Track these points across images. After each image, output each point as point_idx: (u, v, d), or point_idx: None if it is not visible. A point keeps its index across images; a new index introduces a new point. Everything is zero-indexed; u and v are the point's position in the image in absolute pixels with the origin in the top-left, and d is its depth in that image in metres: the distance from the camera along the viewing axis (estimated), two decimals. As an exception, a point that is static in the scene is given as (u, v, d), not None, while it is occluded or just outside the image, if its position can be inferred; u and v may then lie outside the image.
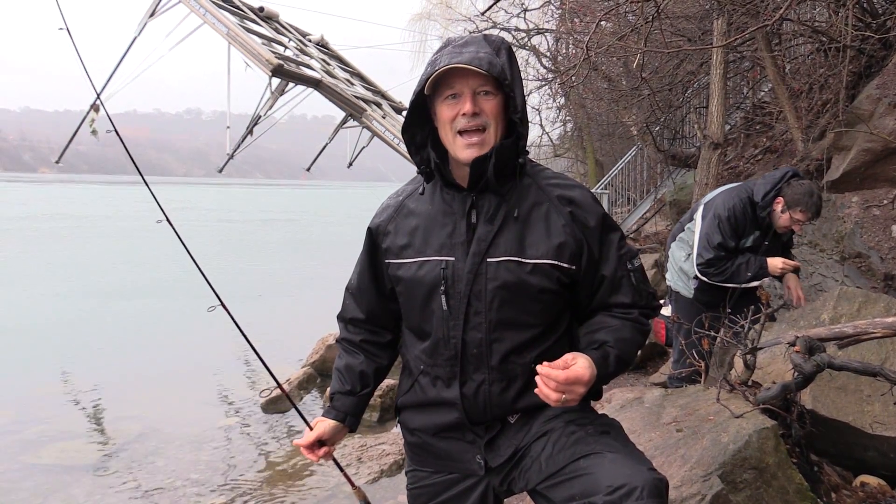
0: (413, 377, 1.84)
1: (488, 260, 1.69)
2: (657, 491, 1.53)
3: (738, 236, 3.88)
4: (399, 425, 1.96)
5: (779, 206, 3.81)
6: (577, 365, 1.57)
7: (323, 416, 1.94)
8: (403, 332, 1.93)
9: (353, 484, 2.05)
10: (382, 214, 1.87)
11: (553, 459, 1.66)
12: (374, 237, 1.87)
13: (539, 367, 1.56)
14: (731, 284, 3.91)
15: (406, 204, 1.84)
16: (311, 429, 1.91)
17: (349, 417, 1.93)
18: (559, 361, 1.58)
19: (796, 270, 3.88)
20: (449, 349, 1.74)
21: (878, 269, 5.51)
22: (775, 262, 3.80)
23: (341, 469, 2.08)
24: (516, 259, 1.69)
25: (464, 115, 1.65)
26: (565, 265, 1.71)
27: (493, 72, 1.62)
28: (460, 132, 1.67)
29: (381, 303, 1.92)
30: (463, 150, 1.68)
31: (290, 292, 14.65)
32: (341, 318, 2.02)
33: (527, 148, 1.80)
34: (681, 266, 4.20)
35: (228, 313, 2.29)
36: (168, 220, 2.35)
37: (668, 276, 4.36)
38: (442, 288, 1.71)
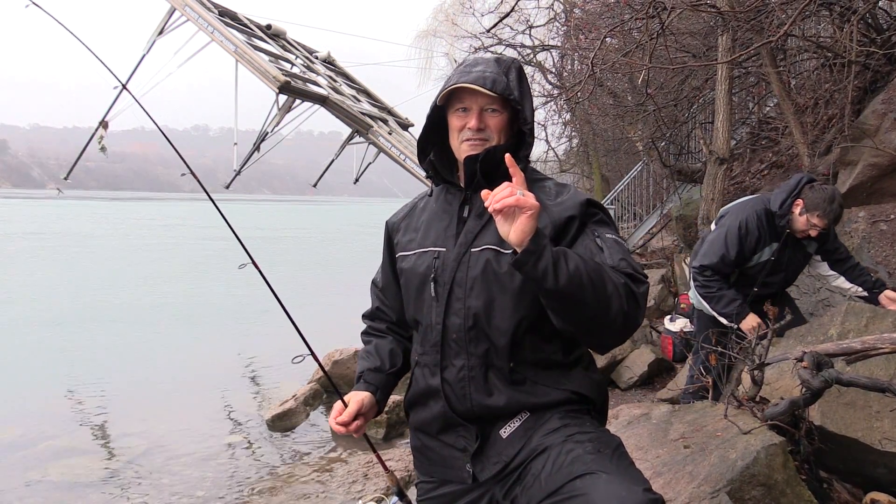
0: (412, 370, 1.96)
1: (472, 250, 1.80)
2: None
3: (746, 250, 3.85)
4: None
5: (798, 207, 3.79)
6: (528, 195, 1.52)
7: (354, 390, 1.97)
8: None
9: (386, 468, 2.05)
10: (398, 213, 2.06)
11: (552, 479, 1.65)
12: (389, 233, 2.05)
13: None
14: (704, 304, 3.95)
15: (418, 205, 2.03)
16: (346, 404, 1.90)
17: (380, 391, 1.97)
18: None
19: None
20: (434, 335, 1.83)
21: (886, 283, 5.47)
22: (750, 321, 3.77)
23: (374, 450, 2.11)
24: (495, 248, 1.75)
25: (469, 128, 1.81)
26: None
27: (495, 90, 1.76)
28: (465, 139, 1.84)
29: (401, 298, 2.00)
30: (465, 152, 1.84)
31: (296, 307, 14.64)
32: (367, 313, 2.17)
33: (532, 161, 1.90)
34: None
35: (260, 272, 2.45)
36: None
37: (691, 293, 4.32)
38: (432, 276, 1.83)
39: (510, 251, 1.61)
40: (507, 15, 11.76)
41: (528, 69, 16.65)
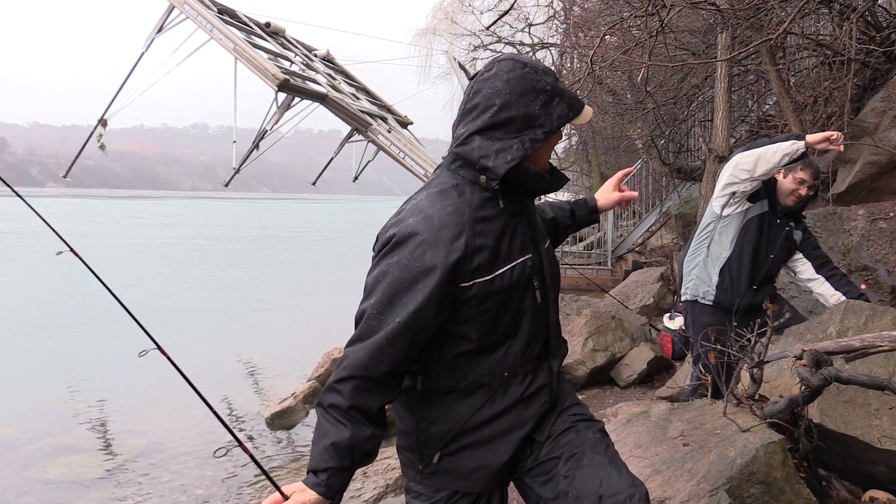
0: (489, 391, 1.78)
1: (545, 247, 1.92)
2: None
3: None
4: (438, 457, 1.81)
5: (780, 173, 3.82)
6: None
7: (306, 484, 1.65)
8: (447, 363, 1.79)
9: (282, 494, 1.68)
10: (460, 237, 1.67)
11: (553, 450, 1.84)
12: (461, 263, 1.67)
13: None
14: (757, 149, 3.68)
15: (476, 216, 1.72)
16: (286, 497, 1.63)
17: (338, 495, 1.68)
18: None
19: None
20: (540, 339, 1.86)
21: (885, 282, 5.49)
22: (815, 135, 3.59)
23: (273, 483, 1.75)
24: (549, 242, 1.99)
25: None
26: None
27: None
28: None
29: (421, 348, 1.74)
30: (544, 157, 1.85)
31: (296, 303, 14.68)
32: (366, 374, 1.68)
33: None
34: (703, 263, 4.04)
35: (171, 361, 2.19)
36: (73, 250, 2.32)
37: (683, 288, 4.27)
38: (536, 283, 1.83)
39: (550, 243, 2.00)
40: (507, 13, 11.77)
41: (527, 67, 16.65)
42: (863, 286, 4.29)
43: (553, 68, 16.78)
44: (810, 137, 3.58)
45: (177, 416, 7.01)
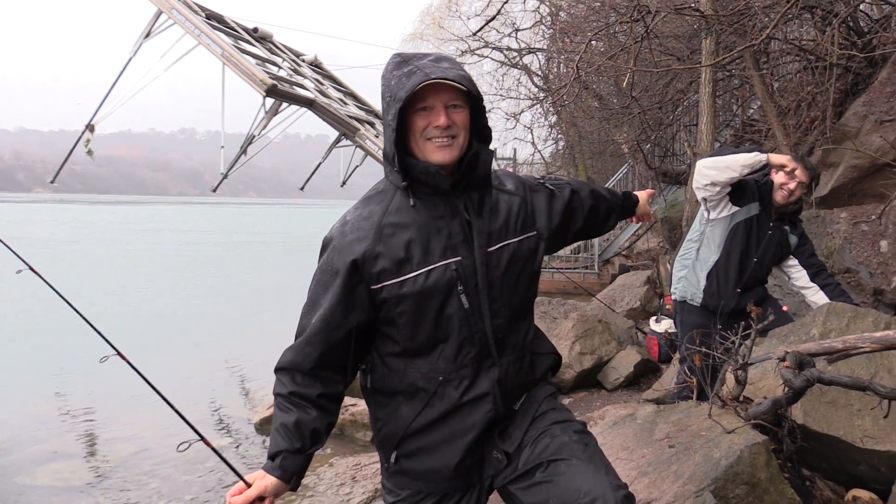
0: (427, 395, 1.83)
1: (489, 250, 1.82)
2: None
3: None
4: (394, 458, 1.89)
5: (775, 174, 3.83)
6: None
7: (265, 471, 1.77)
8: (387, 363, 1.87)
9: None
10: (363, 242, 1.76)
11: (531, 459, 1.83)
12: (360, 266, 1.76)
13: None
14: (721, 157, 3.74)
15: (385, 221, 1.78)
16: (249, 485, 1.74)
17: (295, 478, 1.79)
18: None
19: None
20: (475, 344, 1.81)
21: (867, 284, 5.56)
22: (778, 155, 3.71)
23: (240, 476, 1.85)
24: (506, 242, 1.87)
25: (437, 126, 1.73)
26: (531, 233, 1.95)
27: (473, 90, 1.75)
28: (429, 138, 1.75)
29: (344, 345, 1.83)
30: (434, 152, 1.75)
31: (284, 308, 14.64)
32: (295, 368, 1.81)
33: (519, 163, 1.94)
34: (692, 266, 4.09)
35: (130, 364, 2.23)
36: (32, 269, 2.32)
37: (673, 287, 4.29)
38: (460, 287, 1.77)
39: (530, 234, 1.93)
40: (494, 18, 11.82)
41: (514, 72, 16.71)
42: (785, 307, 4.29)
43: (540, 72, 16.89)
44: (773, 156, 3.67)
45: (165, 422, 6.98)
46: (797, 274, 4.02)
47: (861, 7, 7.27)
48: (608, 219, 2.30)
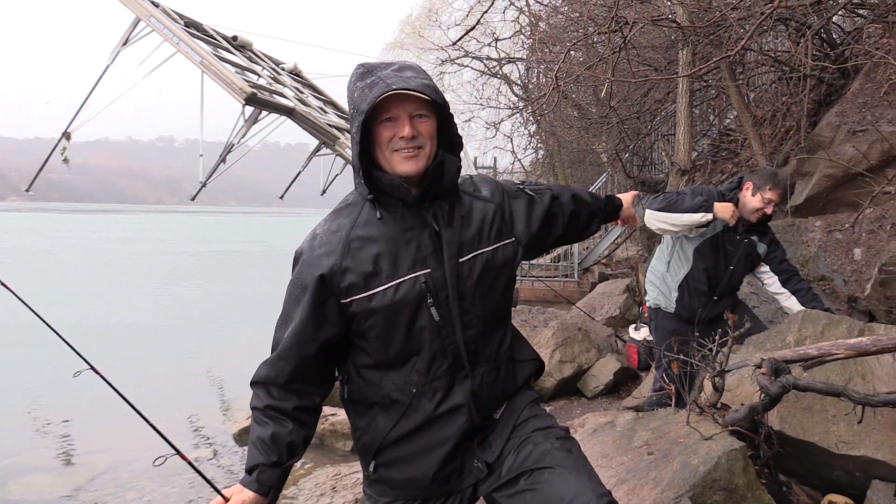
0: (402, 407, 1.82)
1: (459, 261, 1.80)
2: None
3: None
4: (373, 467, 1.90)
5: (748, 189, 3.86)
6: None
7: (242, 485, 1.77)
8: (362, 375, 1.87)
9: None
10: (331, 256, 1.75)
11: (516, 466, 1.81)
12: (328, 281, 1.75)
13: None
14: (668, 213, 3.82)
15: (353, 235, 1.77)
16: (227, 499, 1.74)
17: (273, 491, 1.78)
18: None
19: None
20: (448, 356, 1.80)
21: (841, 291, 5.63)
22: (725, 207, 3.76)
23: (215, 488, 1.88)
24: (479, 252, 1.84)
25: (402, 137, 1.71)
26: (507, 240, 1.92)
27: (437, 98, 1.73)
28: (396, 149, 1.73)
29: (318, 358, 1.82)
30: (401, 163, 1.73)
31: (263, 317, 14.55)
32: (270, 382, 1.82)
33: (500, 172, 1.92)
34: (663, 277, 4.19)
35: (104, 378, 2.21)
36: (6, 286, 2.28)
37: (647, 296, 4.38)
38: (430, 300, 1.75)
39: (488, 248, 1.85)
40: (474, 28, 11.87)
41: (494, 81, 16.79)
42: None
43: (520, 82, 16.98)
44: (718, 211, 3.76)
45: (142, 433, 6.89)
46: (769, 280, 4.08)
47: (834, 19, 7.41)
48: (590, 223, 2.27)
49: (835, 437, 2.92)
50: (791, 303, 3.97)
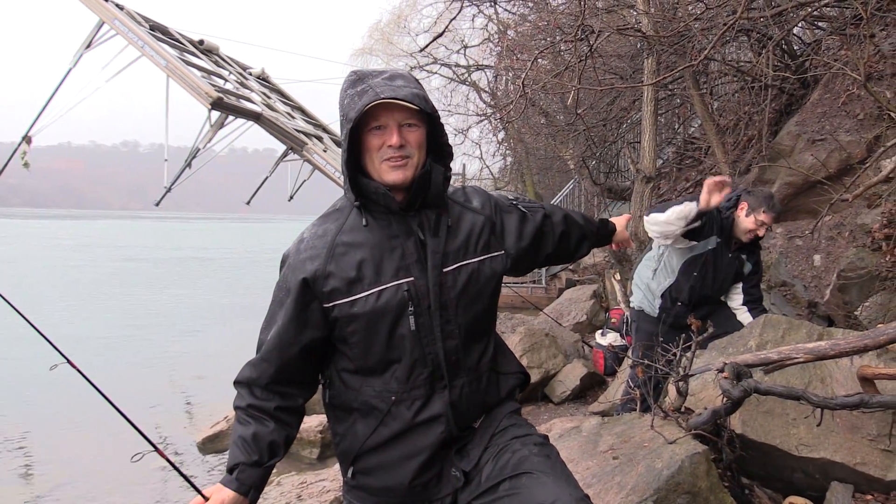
0: (381, 414, 1.82)
1: (444, 270, 1.80)
2: None
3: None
4: (351, 473, 1.90)
5: (743, 210, 3.96)
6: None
7: (222, 484, 1.77)
8: (343, 379, 1.87)
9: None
10: (315, 261, 1.77)
11: (495, 474, 1.80)
12: (311, 284, 1.76)
13: None
14: (658, 214, 3.82)
15: (338, 241, 1.79)
16: (206, 498, 1.74)
17: (253, 491, 1.78)
18: None
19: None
20: (427, 365, 1.80)
21: (801, 296, 5.75)
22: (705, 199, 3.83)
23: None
24: (464, 263, 1.84)
25: (390, 146, 1.72)
26: (496, 253, 1.93)
27: (427, 108, 1.73)
28: (385, 158, 1.74)
29: (300, 360, 1.83)
30: (389, 172, 1.74)
31: (228, 325, 14.39)
32: (252, 382, 1.83)
33: (468, 178, 1.92)
34: (648, 284, 4.30)
35: (80, 372, 2.17)
36: None
37: (632, 297, 4.50)
38: (410, 308, 1.76)
39: (475, 259, 1.86)
40: (442, 34, 11.89)
41: (462, 88, 16.84)
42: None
43: (488, 89, 17.04)
44: (703, 203, 3.76)
45: (103, 442, 6.77)
46: (734, 296, 4.20)
47: (794, 31, 7.57)
48: (580, 245, 2.28)
49: (795, 440, 2.97)
50: (745, 318, 4.11)
